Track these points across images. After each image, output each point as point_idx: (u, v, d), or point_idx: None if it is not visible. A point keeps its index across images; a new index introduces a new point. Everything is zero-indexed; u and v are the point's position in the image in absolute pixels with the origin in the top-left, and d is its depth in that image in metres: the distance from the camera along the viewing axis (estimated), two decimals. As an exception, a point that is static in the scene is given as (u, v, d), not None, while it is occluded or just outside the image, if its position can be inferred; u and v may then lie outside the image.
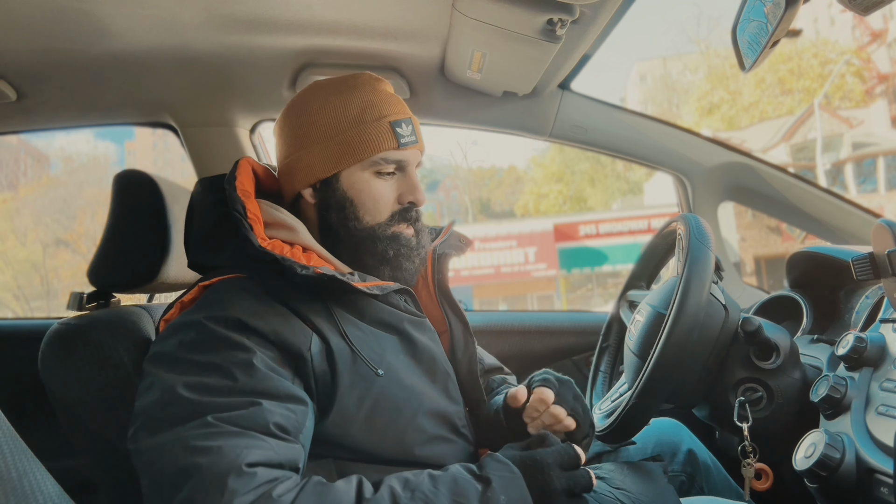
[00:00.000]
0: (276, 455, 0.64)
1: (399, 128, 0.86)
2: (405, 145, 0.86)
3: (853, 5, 0.56)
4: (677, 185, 1.63)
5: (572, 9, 1.01)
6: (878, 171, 14.34)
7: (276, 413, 0.66)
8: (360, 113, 0.85)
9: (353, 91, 0.87)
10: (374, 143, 0.84)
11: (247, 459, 0.61)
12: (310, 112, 0.87)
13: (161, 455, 0.63)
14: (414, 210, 0.88)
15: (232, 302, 0.74)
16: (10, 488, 0.56)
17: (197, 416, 0.64)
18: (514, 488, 0.67)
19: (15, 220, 18.92)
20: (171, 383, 0.67)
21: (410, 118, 0.88)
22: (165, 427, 0.64)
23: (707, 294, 0.84)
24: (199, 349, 0.70)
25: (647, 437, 1.05)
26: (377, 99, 0.87)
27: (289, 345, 0.72)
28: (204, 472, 0.60)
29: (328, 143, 0.85)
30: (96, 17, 1.07)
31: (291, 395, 0.69)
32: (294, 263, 0.75)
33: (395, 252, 0.86)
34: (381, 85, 0.90)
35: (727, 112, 19.23)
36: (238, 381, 0.67)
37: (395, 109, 0.88)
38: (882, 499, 0.63)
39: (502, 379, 1.02)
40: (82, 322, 0.94)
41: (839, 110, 16.38)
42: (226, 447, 0.61)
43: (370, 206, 0.86)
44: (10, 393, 1.16)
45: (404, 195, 0.87)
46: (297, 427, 0.68)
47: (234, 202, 0.79)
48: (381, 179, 0.86)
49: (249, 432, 0.64)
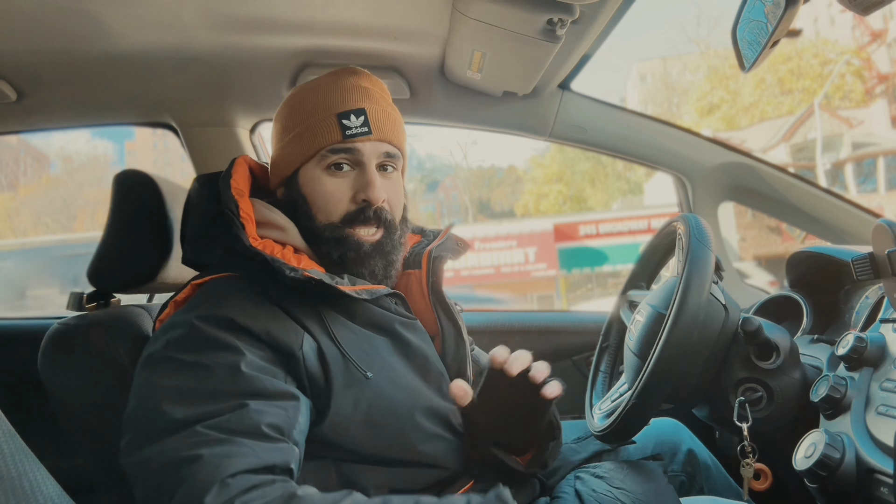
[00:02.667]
0: (259, 460, 0.62)
1: (346, 119, 0.81)
2: (352, 136, 0.81)
3: (853, 5, 0.56)
4: (677, 185, 1.63)
5: (572, 9, 1.01)
6: (878, 171, 14.34)
7: (267, 412, 0.66)
8: (312, 107, 0.83)
9: (316, 87, 0.86)
10: (319, 136, 0.82)
11: (228, 471, 0.60)
12: (284, 110, 0.89)
13: (147, 469, 0.63)
14: (371, 210, 0.82)
15: (223, 300, 0.74)
16: (10, 488, 0.56)
17: (183, 427, 0.63)
18: None
19: (15, 220, 18.91)
20: (157, 391, 0.67)
21: (364, 108, 0.82)
22: (152, 439, 0.64)
23: (707, 294, 0.84)
24: (186, 349, 0.69)
25: (647, 437, 1.05)
26: (334, 92, 0.84)
27: (280, 344, 0.72)
28: (186, 484, 0.59)
29: (288, 140, 0.85)
30: (96, 17, 1.07)
31: (281, 391, 0.69)
32: (283, 265, 0.74)
33: (340, 255, 0.82)
34: (348, 78, 0.86)
35: (727, 112, 19.22)
36: (225, 383, 0.66)
37: (349, 100, 0.83)
38: (882, 499, 0.63)
39: None
40: (82, 322, 0.95)
41: (839, 110, 16.38)
42: (207, 457, 0.60)
43: (321, 204, 0.83)
44: (10, 393, 1.16)
45: (358, 193, 0.82)
46: (289, 424, 0.67)
47: (228, 201, 0.79)
48: (335, 177, 0.83)
49: (235, 439, 0.62)
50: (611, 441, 0.96)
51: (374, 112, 0.83)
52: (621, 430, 0.90)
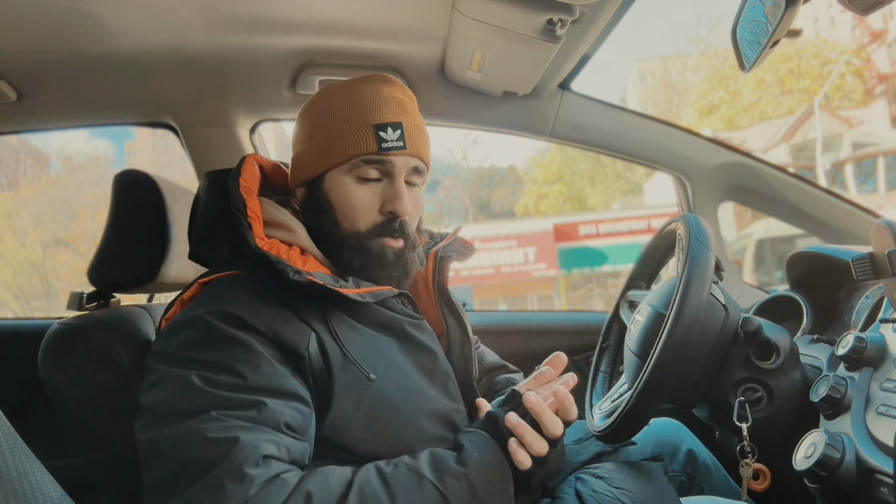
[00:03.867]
0: (287, 452, 0.65)
1: (383, 131, 0.82)
2: (387, 150, 0.81)
3: (853, 5, 0.56)
4: (677, 185, 1.63)
5: (572, 9, 1.01)
6: (878, 171, 14.33)
7: (285, 413, 0.67)
8: (348, 114, 0.83)
9: (352, 92, 0.85)
10: (354, 145, 0.81)
11: (264, 452, 0.63)
12: (313, 110, 0.87)
13: (174, 446, 0.63)
14: (397, 222, 0.83)
15: (230, 298, 0.74)
16: (10, 488, 0.56)
17: (206, 411, 0.64)
18: (484, 445, 0.73)
19: (15, 220, 18.93)
20: (180, 379, 0.67)
21: (401, 122, 0.83)
22: (176, 419, 0.64)
23: (707, 294, 0.84)
24: (204, 347, 0.70)
25: (647, 437, 1.05)
26: (370, 100, 0.84)
27: (287, 343, 0.72)
28: (223, 462, 0.61)
29: (317, 142, 0.84)
30: (96, 17, 1.07)
31: (296, 394, 0.70)
32: (287, 267, 0.74)
33: (362, 263, 0.83)
34: (385, 88, 0.87)
35: (727, 112, 19.22)
36: (246, 380, 0.67)
37: (387, 113, 0.83)
38: (882, 499, 0.63)
39: (507, 379, 1.01)
40: (82, 322, 0.95)
41: (839, 110, 16.38)
42: (244, 439, 0.62)
43: (347, 212, 0.83)
44: (10, 393, 1.16)
45: (385, 204, 0.83)
46: (303, 427, 0.69)
47: (236, 199, 0.79)
48: (364, 186, 0.83)
49: (262, 427, 0.65)
50: (611, 441, 0.96)
51: (410, 127, 0.84)
52: (621, 430, 0.90)
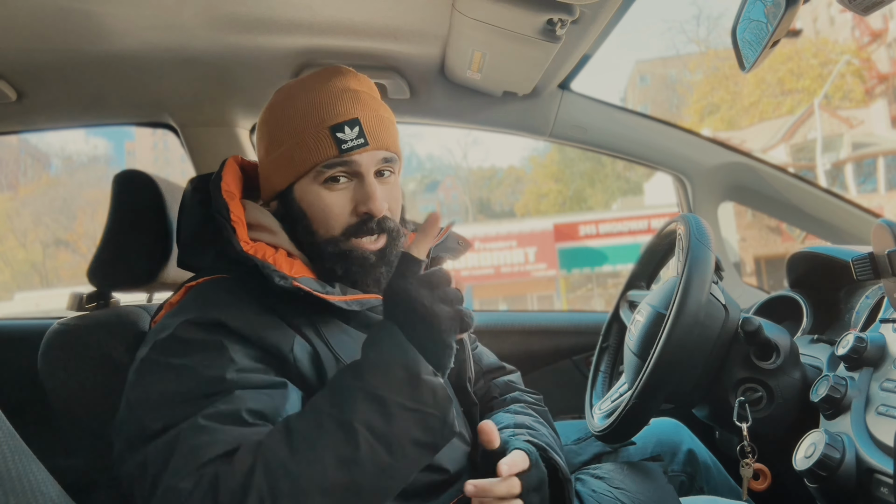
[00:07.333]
0: (234, 442, 0.61)
1: (340, 132, 0.77)
2: (348, 150, 0.77)
3: (853, 5, 0.56)
4: (677, 185, 1.63)
5: (572, 9, 1.01)
6: (878, 171, 14.34)
7: (249, 399, 0.65)
8: (301, 119, 0.79)
9: (303, 92, 0.81)
10: (313, 153, 0.78)
11: (203, 458, 0.59)
12: (269, 119, 0.84)
13: (133, 479, 0.63)
14: (374, 221, 0.80)
15: (213, 303, 0.73)
16: (9, 488, 0.56)
17: (164, 431, 0.63)
18: (386, 332, 0.64)
19: (15, 221, 18.92)
20: (144, 396, 0.67)
21: (357, 118, 0.79)
22: (137, 445, 0.64)
23: (707, 294, 0.84)
24: (174, 352, 0.69)
25: (647, 437, 1.05)
26: (322, 100, 0.80)
27: (270, 345, 0.71)
28: (165, 475, 0.59)
29: (276, 155, 0.81)
30: (96, 17, 1.07)
31: (268, 382, 0.68)
32: (273, 272, 0.73)
33: (345, 270, 0.80)
34: (336, 81, 0.82)
35: (727, 112, 19.23)
36: (212, 385, 0.65)
37: (341, 110, 0.79)
38: (882, 499, 0.63)
39: (504, 383, 0.99)
40: (82, 322, 0.95)
41: (839, 110, 16.39)
42: (180, 447, 0.60)
43: (321, 219, 0.80)
44: (10, 393, 1.16)
45: (359, 206, 0.80)
46: (274, 410, 0.66)
47: (218, 204, 0.78)
48: (333, 191, 0.79)
49: (213, 425, 0.62)
50: (611, 441, 0.96)
51: (368, 119, 0.80)
52: (621, 430, 0.90)
